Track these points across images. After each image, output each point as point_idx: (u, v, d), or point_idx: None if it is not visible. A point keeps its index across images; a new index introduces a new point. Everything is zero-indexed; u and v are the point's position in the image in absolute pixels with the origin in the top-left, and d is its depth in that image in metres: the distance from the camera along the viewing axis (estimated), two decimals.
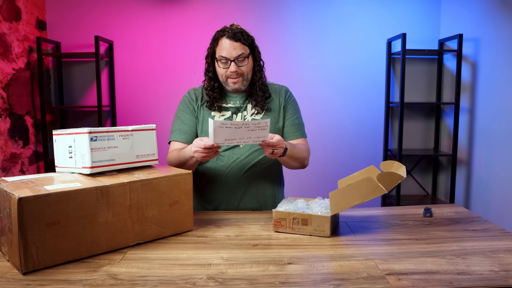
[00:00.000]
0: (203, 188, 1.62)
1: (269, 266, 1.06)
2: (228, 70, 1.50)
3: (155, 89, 3.14)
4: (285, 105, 1.62)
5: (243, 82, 1.54)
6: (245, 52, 1.50)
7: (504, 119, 2.48)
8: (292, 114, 1.62)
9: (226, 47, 1.48)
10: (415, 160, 3.25)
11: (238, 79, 1.52)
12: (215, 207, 1.61)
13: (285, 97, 1.63)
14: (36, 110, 2.96)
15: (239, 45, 1.49)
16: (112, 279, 0.99)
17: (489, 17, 2.62)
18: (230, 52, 1.48)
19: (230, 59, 1.48)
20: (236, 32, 1.49)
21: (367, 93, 3.16)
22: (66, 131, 1.25)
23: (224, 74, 1.52)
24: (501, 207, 2.50)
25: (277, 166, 1.66)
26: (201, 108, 1.61)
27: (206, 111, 1.60)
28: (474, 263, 1.07)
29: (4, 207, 1.05)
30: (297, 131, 1.62)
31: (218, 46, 1.51)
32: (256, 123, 1.30)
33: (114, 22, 3.08)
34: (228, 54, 1.48)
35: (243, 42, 1.49)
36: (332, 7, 3.11)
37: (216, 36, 1.53)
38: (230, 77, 1.52)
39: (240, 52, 1.48)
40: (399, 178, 1.24)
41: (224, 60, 1.49)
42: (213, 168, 1.57)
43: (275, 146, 1.37)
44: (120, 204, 1.16)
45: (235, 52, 1.48)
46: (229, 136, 1.30)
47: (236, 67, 1.50)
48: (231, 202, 1.59)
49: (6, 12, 2.63)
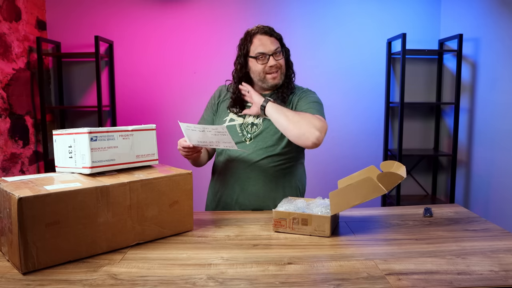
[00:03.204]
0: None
1: (269, 266, 1.06)
2: (267, 65, 1.53)
3: (155, 89, 3.14)
4: (299, 97, 1.59)
5: (280, 76, 1.57)
6: (279, 46, 1.55)
7: (504, 119, 2.48)
8: (306, 102, 1.56)
9: (263, 43, 1.53)
10: (415, 160, 3.25)
11: (277, 73, 1.55)
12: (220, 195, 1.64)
13: (299, 94, 1.61)
14: (36, 110, 2.96)
15: (274, 39, 1.55)
16: (112, 279, 0.99)
17: (489, 17, 2.62)
18: (268, 46, 1.52)
19: (269, 53, 1.52)
20: (267, 29, 1.55)
21: (367, 93, 3.16)
22: (66, 131, 1.25)
23: (263, 71, 1.55)
24: (501, 207, 2.50)
25: (291, 172, 1.62)
26: (221, 104, 1.67)
27: (225, 107, 1.65)
28: (474, 263, 1.07)
29: (4, 207, 1.05)
30: (310, 109, 1.53)
31: (252, 44, 1.55)
32: (214, 128, 1.34)
33: (114, 22, 3.08)
34: (265, 49, 1.52)
35: (276, 37, 1.55)
36: (332, 7, 3.11)
37: (248, 36, 1.56)
38: (269, 72, 1.54)
39: (276, 46, 1.54)
40: (399, 178, 1.24)
41: (261, 56, 1.53)
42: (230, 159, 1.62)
43: None
44: (120, 204, 1.16)
45: (273, 46, 1.53)
46: (200, 138, 1.40)
47: (275, 61, 1.53)
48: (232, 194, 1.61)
49: (6, 12, 2.63)
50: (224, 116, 1.64)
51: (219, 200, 1.65)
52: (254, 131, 1.57)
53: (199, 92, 3.06)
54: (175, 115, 3.13)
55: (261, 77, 1.56)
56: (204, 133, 1.37)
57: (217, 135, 1.36)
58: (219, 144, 1.40)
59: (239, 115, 1.61)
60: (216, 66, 3.03)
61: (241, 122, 1.60)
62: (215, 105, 1.69)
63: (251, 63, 1.56)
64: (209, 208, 1.71)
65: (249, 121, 1.59)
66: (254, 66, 1.55)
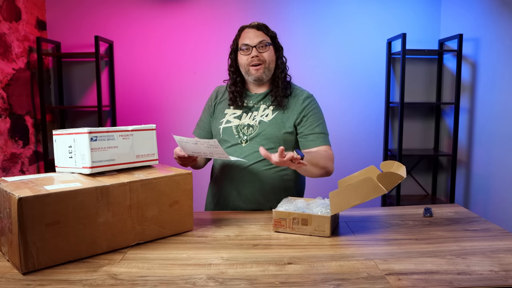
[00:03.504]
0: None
1: (269, 266, 1.06)
2: (249, 57, 1.53)
3: (155, 89, 3.14)
4: (302, 114, 1.57)
5: (264, 70, 1.56)
6: (266, 39, 1.56)
7: (504, 119, 2.48)
8: (312, 123, 1.57)
9: (248, 35, 1.55)
10: (415, 160, 3.25)
11: (260, 66, 1.55)
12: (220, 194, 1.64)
13: (303, 104, 1.58)
14: (36, 110, 2.96)
15: (261, 33, 1.56)
16: (112, 279, 0.99)
17: (489, 17, 2.62)
18: (252, 39, 1.54)
19: (252, 45, 1.53)
20: (259, 24, 1.57)
21: (367, 93, 3.16)
22: (66, 131, 1.25)
23: (246, 63, 1.55)
24: (501, 207, 2.50)
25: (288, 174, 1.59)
26: (218, 105, 1.67)
27: (221, 109, 1.65)
28: (474, 263, 1.07)
29: (4, 207, 1.05)
30: (318, 139, 1.56)
31: (240, 37, 1.58)
32: (205, 141, 1.34)
33: (114, 22, 3.08)
34: (250, 41, 1.54)
35: (265, 32, 1.56)
36: (332, 7, 3.11)
37: (239, 30, 1.60)
38: (252, 64, 1.54)
39: (261, 39, 1.54)
40: (399, 178, 1.24)
41: (245, 47, 1.55)
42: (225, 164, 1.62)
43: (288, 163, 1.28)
44: (120, 204, 1.16)
45: (257, 39, 1.54)
46: (194, 149, 1.41)
47: (257, 52, 1.54)
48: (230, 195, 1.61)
49: (6, 12, 2.63)
50: (221, 118, 1.63)
51: (217, 203, 1.65)
52: (250, 133, 1.57)
53: (199, 92, 3.05)
54: (175, 115, 3.13)
55: (246, 70, 1.57)
56: (197, 145, 1.37)
57: (210, 148, 1.35)
58: (213, 155, 1.40)
59: (235, 117, 1.60)
60: (216, 66, 3.02)
61: (238, 123, 1.59)
62: (211, 106, 1.69)
63: (239, 57, 1.59)
64: (208, 209, 1.71)
65: (246, 122, 1.58)
66: (240, 59, 1.58)
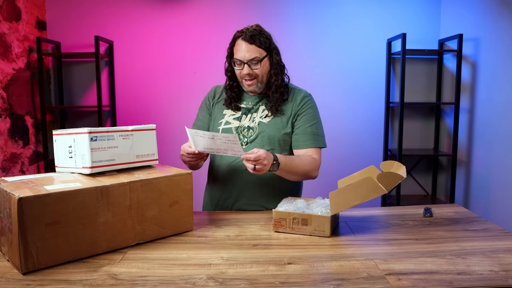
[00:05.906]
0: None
1: (269, 266, 1.06)
2: (242, 72, 1.52)
3: (155, 89, 3.14)
4: (297, 113, 1.57)
5: (257, 84, 1.55)
6: (259, 55, 1.50)
7: (504, 119, 2.48)
8: (305, 122, 1.56)
9: (241, 49, 1.50)
10: (415, 160, 3.25)
11: (252, 81, 1.53)
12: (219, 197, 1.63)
13: (299, 103, 1.58)
14: (36, 110, 2.96)
15: (254, 47, 1.49)
16: (112, 279, 0.99)
17: (489, 17, 2.62)
18: (244, 55, 1.49)
19: (244, 61, 1.50)
20: (254, 34, 1.49)
21: (367, 93, 3.16)
22: (66, 131, 1.25)
23: (239, 75, 1.55)
24: (501, 207, 2.50)
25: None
26: (216, 105, 1.65)
27: (219, 109, 1.63)
28: (474, 263, 1.07)
29: (4, 207, 1.05)
30: (308, 140, 1.54)
31: (235, 47, 1.54)
32: (225, 136, 1.32)
33: (114, 22, 3.08)
34: (241, 57, 1.50)
35: (258, 45, 1.49)
36: (332, 7, 3.11)
37: (234, 37, 1.55)
38: (244, 79, 1.54)
39: (253, 56, 1.49)
40: (399, 178, 1.24)
41: (238, 62, 1.52)
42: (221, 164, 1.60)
43: (256, 161, 1.32)
44: (120, 204, 1.16)
45: (248, 55, 1.49)
46: (207, 145, 1.37)
47: (249, 69, 1.51)
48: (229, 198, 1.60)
49: (6, 12, 2.63)
50: (220, 118, 1.61)
51: (216, 205, 1.63)
52: (250, 135, 1.56)
53: (199, 92, 3.02)
54: (175, 115, 3.13)
55: (240, 80, 1.57)
56: (213, 140, 1.34)
57: (227, 143, 1.33)
58: (227, 151, 1.37)
59: (235, 118, 1.59)
60: (216, 66, 3.01)
61: (237, 125, 1.58)
62: (210, 105, 1.67)
63: (233, 65, 1.56)
64: (205, 210, 1.69)
65: (245, 124, 1.58)
66: (235, 69, 1.56)
